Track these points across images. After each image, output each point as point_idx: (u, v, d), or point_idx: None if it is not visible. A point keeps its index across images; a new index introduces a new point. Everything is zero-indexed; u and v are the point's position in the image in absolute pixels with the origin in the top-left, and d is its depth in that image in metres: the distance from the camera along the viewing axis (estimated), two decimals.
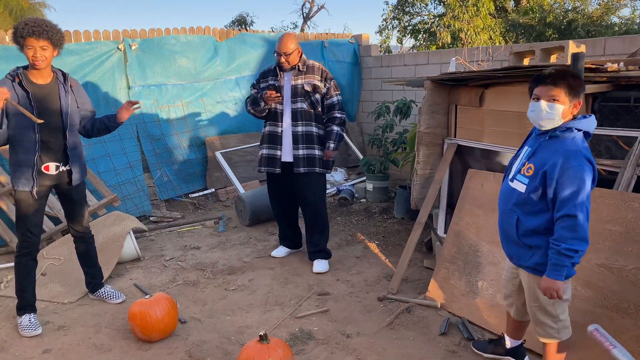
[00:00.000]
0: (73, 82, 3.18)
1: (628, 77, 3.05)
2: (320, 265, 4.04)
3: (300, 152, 3.87)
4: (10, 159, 3.07)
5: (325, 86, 3.89)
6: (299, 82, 3.84)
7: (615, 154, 3.21)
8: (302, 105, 3.85)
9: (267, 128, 3.95)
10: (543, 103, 2.15)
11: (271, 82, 3.89)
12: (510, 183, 2.33)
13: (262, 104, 3.82)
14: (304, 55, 3.91)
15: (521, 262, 2.30)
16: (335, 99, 3.94)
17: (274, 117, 3.90)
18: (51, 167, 3.11)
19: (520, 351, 2.64)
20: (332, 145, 3.92)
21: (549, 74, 2.15)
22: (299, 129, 3.86)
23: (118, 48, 5.65)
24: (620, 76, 3.09)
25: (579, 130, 2.14)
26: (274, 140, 3.92)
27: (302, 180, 3.93)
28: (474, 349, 2.81)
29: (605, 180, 3.14)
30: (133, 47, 5.73)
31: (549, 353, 2.34)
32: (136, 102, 3.28)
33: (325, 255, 4.12)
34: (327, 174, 4.22)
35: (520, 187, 2.25)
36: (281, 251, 4.36)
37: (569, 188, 2.04)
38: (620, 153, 3.16)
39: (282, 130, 3.88)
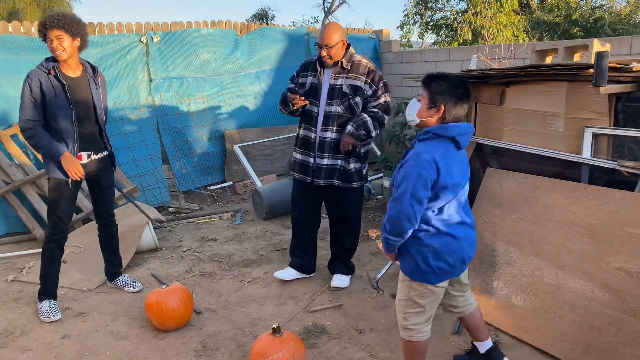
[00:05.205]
0: (102, 75, 3.29)
1: None
2: (340, 280, 3.66)
3: (325, 161, 3.41)
4: None
5: (371, 88, 3.37)
6: (339, 82, 3.35)
7: (638, 156, 3.15)
8: (337, 108, 3.34)
9: (301, 131, 3.51)
10: None
11: (310, 80, 3.45)
12: None
13: (291, 106, 3.39)
14: (351, 49, 3.37)
15: None
16: (382, 100, 3.39)
17: (309, 120, 3.45)
18: (83, 157, 3.20)
19: (497, 353, 2.58)
20: (349, 128, 3.29)
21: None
22: (328, 135, 3.37)
23: (140, 40, 5.72)
24: None
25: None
26: (307, 145, 3.47)
27: (334, 193, 3.52)
28: None
29: (627, 183, 3.08)
30: (155, 40, 5.79)
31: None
32: None
33: (348, 270, 3.73)
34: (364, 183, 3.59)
35: None
36: (288, 273, 3.73)
37: None
38: None
39: (315, 137, 3.43)
